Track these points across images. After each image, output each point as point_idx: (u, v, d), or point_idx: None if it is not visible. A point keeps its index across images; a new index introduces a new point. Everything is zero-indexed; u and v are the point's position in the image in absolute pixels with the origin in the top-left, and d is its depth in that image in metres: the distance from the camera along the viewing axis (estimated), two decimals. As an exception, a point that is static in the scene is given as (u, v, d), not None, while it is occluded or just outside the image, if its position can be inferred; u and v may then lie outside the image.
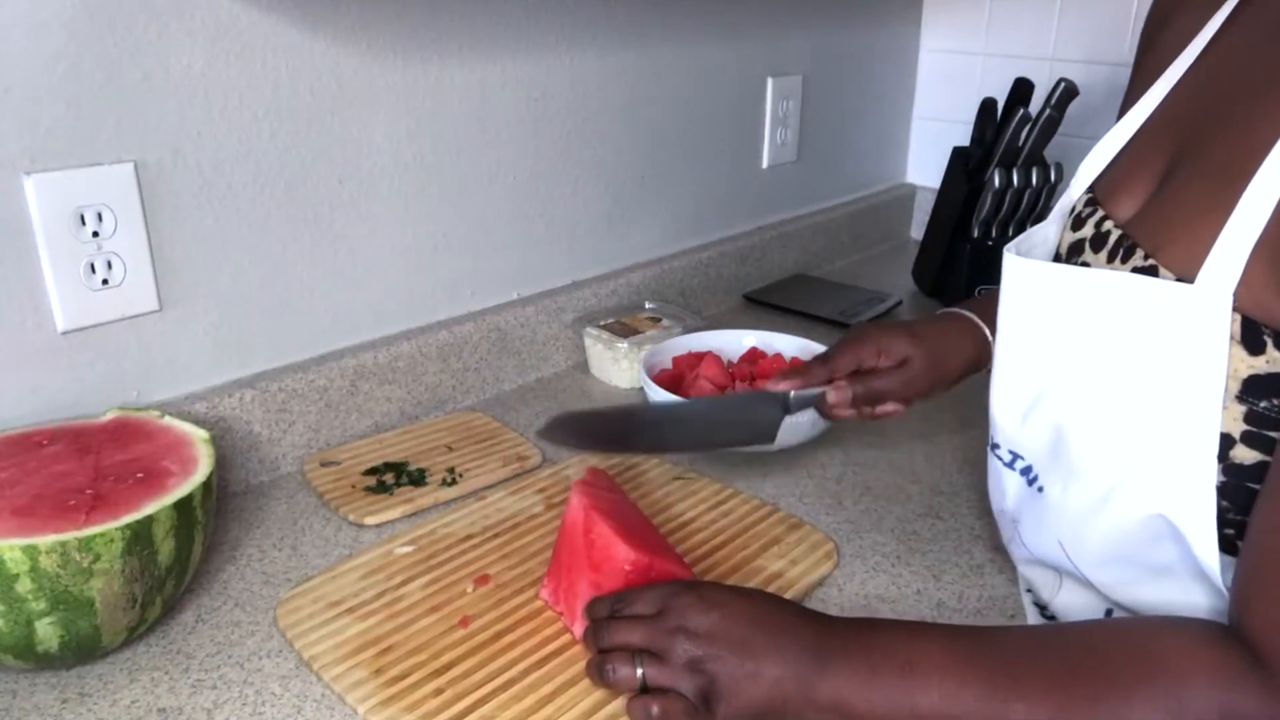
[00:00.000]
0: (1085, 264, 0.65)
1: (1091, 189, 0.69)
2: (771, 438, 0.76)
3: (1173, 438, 0.55)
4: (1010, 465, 0.67)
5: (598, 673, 0.61)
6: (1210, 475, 0.54)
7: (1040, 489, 0.64)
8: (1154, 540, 0.57)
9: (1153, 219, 0.61)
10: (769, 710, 0.57)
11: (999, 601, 0.76)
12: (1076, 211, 0.69)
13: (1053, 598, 0.68)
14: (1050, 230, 0.70)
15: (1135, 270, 0.59)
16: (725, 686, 0.57)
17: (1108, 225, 0.64)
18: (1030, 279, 0.64)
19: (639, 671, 0.59)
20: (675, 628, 0.59)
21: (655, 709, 0.58)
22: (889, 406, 0.82)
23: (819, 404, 0.79)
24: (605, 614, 0.64)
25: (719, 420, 0.75)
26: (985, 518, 0.87)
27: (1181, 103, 0.64)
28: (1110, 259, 0.62)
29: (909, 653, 0.56)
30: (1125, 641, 0.54)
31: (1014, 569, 0.77)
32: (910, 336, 0.81)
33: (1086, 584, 0.64)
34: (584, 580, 0.68)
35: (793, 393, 0.78)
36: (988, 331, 0.83)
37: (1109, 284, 0.58)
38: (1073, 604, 0.67)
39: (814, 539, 0.82)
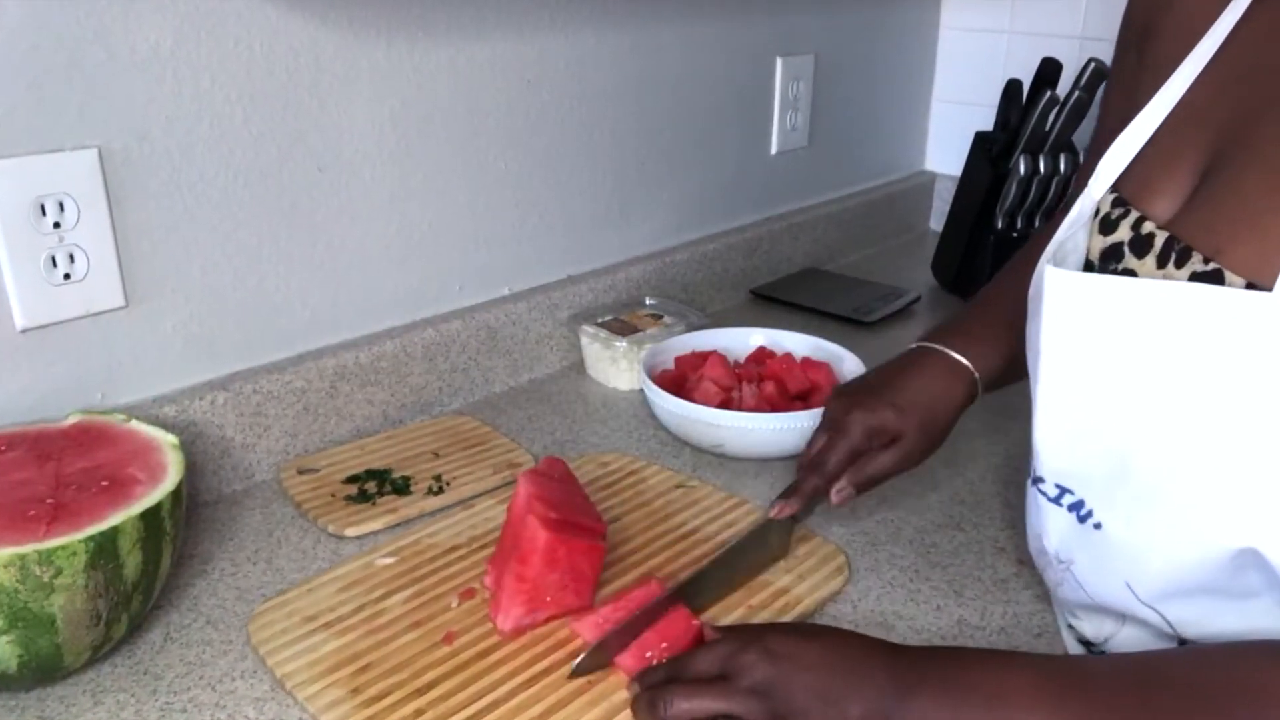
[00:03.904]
0: (1127, 270, 0.64)
1: (1115, 188, 0.68)
2: (786, 553, 0.81)
3: (1258, 460, 0.53)
4: (1056, 501, 0.66)
5: None
6: None
7: (1097, 525, 0.63)
8: (1238, 571, 0.56)
9: (1204, 217, 0.59)
10: None
11: (1024, 618, 0.75)
12: (1104, 214, 0.67)
13: (1110, 637, 0.67)
14: (1080, 236, 0.69)
15: (1195, 275, 0.58)
16: None
17: (1148, 226, 0.63)
18: (1078, 294, 0.61)
19: None
20: (745, 689, 0.59)
21: None
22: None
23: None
24: (661, 680, 0.63)
25: (737, 565, 0.78)
26: (1010, 529, 0.87)
27: (1213, 92, 0.63)
28: (1160, 263, 0.61)
29: (997, 683, 0.56)
30: (1236, 677, 0.52)
31: (1042, 584, 0.77)
32: (894, 410, 0.79)
33: (1150, 624, 0.62)
34: (510, 572, 0.71)
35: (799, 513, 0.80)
36: (968, 363, 0.81)
37: (1174, 295, 0.56)
38: (1134, 643, 0.65)
39: (824, 552, 0.82)
